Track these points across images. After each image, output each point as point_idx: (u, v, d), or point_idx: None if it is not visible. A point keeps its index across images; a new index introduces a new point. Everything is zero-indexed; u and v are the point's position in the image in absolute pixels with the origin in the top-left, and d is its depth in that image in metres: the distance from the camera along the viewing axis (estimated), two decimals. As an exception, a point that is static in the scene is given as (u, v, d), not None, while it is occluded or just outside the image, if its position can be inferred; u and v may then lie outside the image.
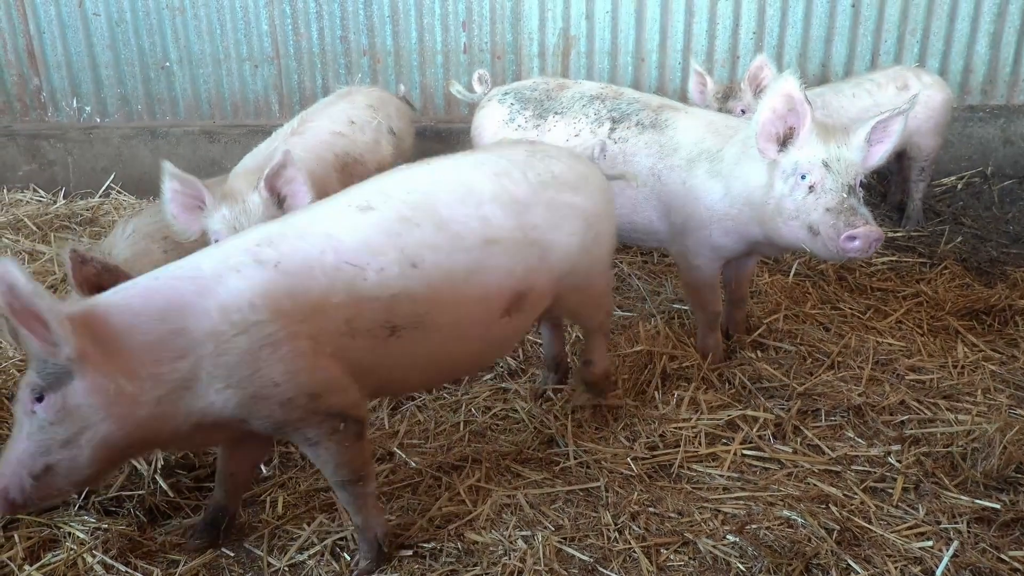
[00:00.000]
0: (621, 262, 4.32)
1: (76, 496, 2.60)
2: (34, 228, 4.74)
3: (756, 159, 2.91)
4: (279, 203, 2.88)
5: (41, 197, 5.31)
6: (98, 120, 5.51)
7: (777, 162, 2.84)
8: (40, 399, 1.86)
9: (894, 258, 4.33)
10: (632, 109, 3.40)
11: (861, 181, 2.81)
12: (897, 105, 3.08)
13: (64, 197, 5.32)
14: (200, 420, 2.00)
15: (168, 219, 2.89)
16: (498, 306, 2.34)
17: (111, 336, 1.88)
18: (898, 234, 4.64)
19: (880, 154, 2.86)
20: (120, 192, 5.33)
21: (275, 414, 2.06)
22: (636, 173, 3.03)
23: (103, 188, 5.35)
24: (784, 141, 2.82)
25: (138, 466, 2.70)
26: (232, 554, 2.44)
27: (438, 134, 5.23)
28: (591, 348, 2.94)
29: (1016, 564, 2.33)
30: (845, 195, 2.74)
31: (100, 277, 2.20)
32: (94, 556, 2.38)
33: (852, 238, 2.68)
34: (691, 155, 3.16)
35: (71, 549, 2.40)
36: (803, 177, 2.78)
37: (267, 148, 3.55)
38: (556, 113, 3.57)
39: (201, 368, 1.94)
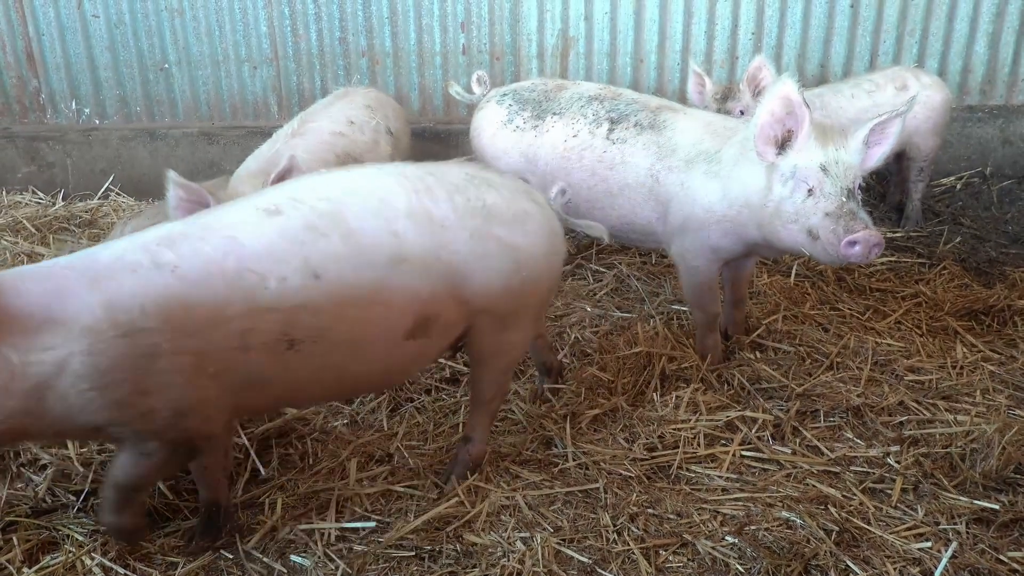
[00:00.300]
0: (620, 263, 4.32)
1: (75, 498, 2.60)
2: (33, 230, 4.74)
3: (754, 161, 2.91)
4: None
5: (40, 199, 5.31)
6: (97, 122, 5.51)
7: (775, 165, 2.84)
8: None
9: (893, 258, 4.33)
10: (631, 110, 3.40)
11: (860, 183, 2.80)
12: (895, 106, 3.09)
13: (63, 199, 5.32)
14: (61, 426, 1.94)
15: None
16: (402, 327, 2.23)
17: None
18: (897, 234, 4.64)
19: (878, 156, 2.86)
20: (119, 194, 5.33)
21: (134, 424, 2.00)
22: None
23: (102, 190, 5.35)
24: (783, 144, 2.82)
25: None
26: (231, 556, 2.43)
27: (437, 135, 5.24)
28: (474, 424, 2.70)
29: (1015, 565, 2.33)
30: (844, 199, 2.73)
31: None
32: (93, 559, 2.38)
33: (852, 243, 2.67)
34: (689, 156, 3.16)
35: (70, 551, 2.40)
36: (802, 181, 2.78)
37: (268, 150, 3.56)
38: (554, 114, 3.57)
39: (69, 365, 1.87)
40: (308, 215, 2.12)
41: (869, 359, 3.35)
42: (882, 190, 5.16)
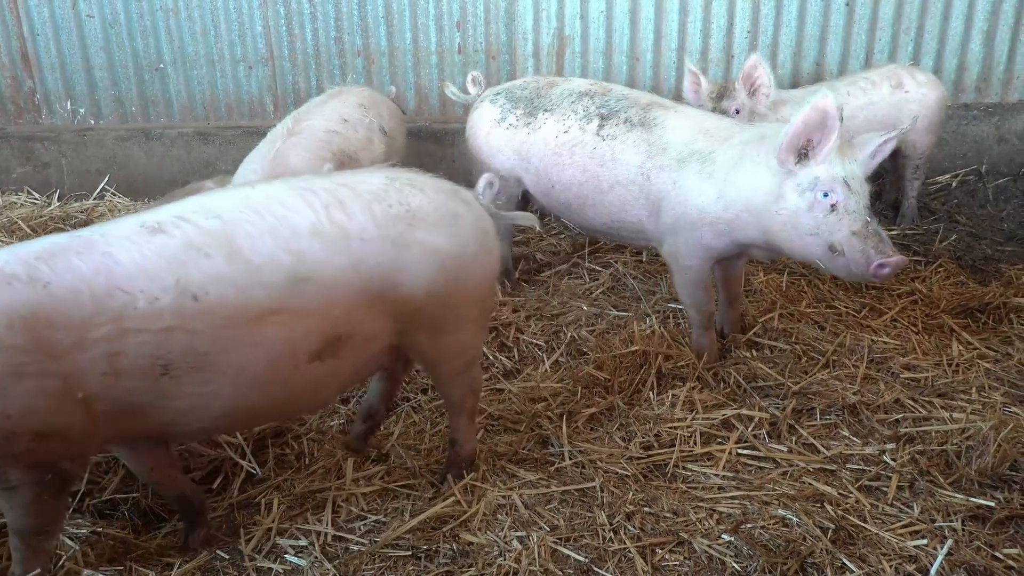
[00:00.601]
0: (616, 262, 4.32)
1: (70, 499, 2.59)
2: (28, 231, 4.73)
3: (759, 164, 2.90)
4: None
5: (35, 199, 5.29)
6: (92, 122, 5.50)
7: (793, 173, 2.81)
8: None
9: (889, 256, 4.34)
10: (621, 106, 3.40)
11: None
12: (892, 104, 3.12)
13: (58, 199, 5.31)
14: None
15: None
16: (305, 350, 2.14)
17: None
18: (893, 232, 4.64)
19: (872, 167, 2.90)
20: (115, 194, 5.32)
21: None
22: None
23: (97, 190, 5.34)
24: (801, 153, 2.80)
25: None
26: (227, 556, 2.43)
27: (433, 135, 5.23)
28: (455, 427, 2.70)
29: (1010, 562, 2.34)
30: (868, 219, 2.76)
31: None
32: (88, 561, 2.37)
33: (883, 266, 2.70)
34: (681, 155, 3.15)
35: (64, 553, 2.39)
36: (824, 195, 2.76)
37: (268, 150, 3.53)
38: (545, 110, 3.58)
39: None
40: (191, 234, 2.04)
41: (865, 357, 3.36)
42: (878, 188, 5.16)
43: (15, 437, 1.91)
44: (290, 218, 2.12)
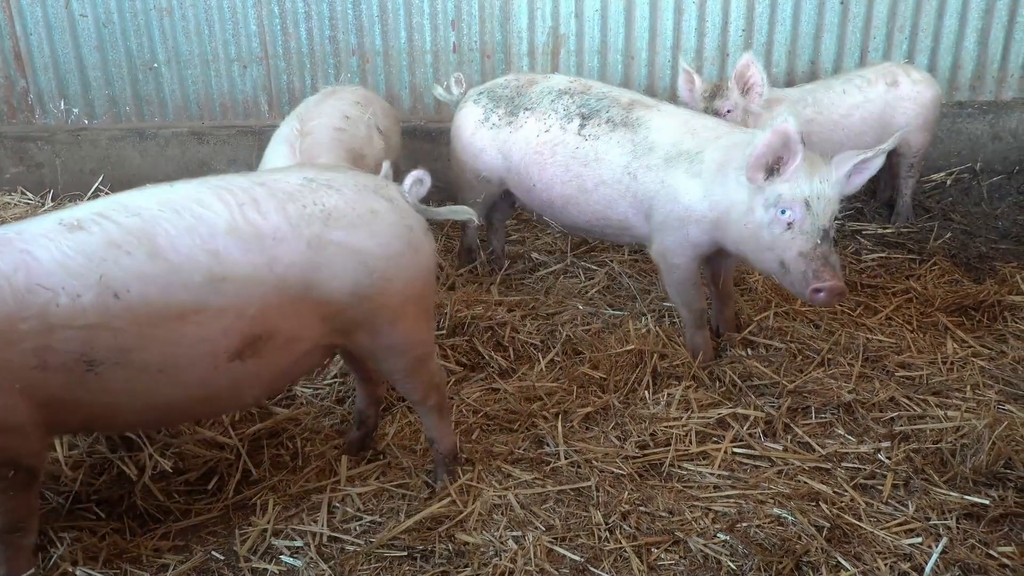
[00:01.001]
0: (611, 260, 4.32)
1: (64, 501, 2.59)
2: (22, 231, 4.71)
3: (741, 172, 2.93)
4: None
5: (29, 199, 5.28)
6: (86, 122, 5.48)
7: (762, 188, 2.88)
8: None
9: (883, 254, 4.35)
10: (602, 105, 3.43)
11: (835, 216, 2.88)
12: (887, 101, 3.10)
13: (52, 199, 5.29)
14: None
15: None
16: (224, 349, 2.14)
17: None
18: (887, 230, 4.65)
19: (856, 185, 2.94)
20: (108, 193, 5.26)
21: None
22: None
23: (91, 190, 5.32)
24: (772, 169, 2.87)
25: (127, 470, 2.68)
26: (222, 557, 2.43)
27: (428, 134, 5.22)
28: (427, 426, 2.71)
29: (1005, 560, 2.34)
30: (819, 240, 2.82)
31: None
32: (82, 562, 2.36)
33: (818, 291, 2.80)
34: (669, 155, 3.19)
35: (57, 553, 2.39)
36: (783, 212, 2.85)
37: (287, 152, 3.43)
38: (526, 109, 3.61)
39: None
40: (112, 231, 2.04)
41: (860, 355, 3.36)
42: (872, 187, 5.17)
43: None
44: (206, 217, 2.13)
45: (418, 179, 2.50)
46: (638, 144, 3.27)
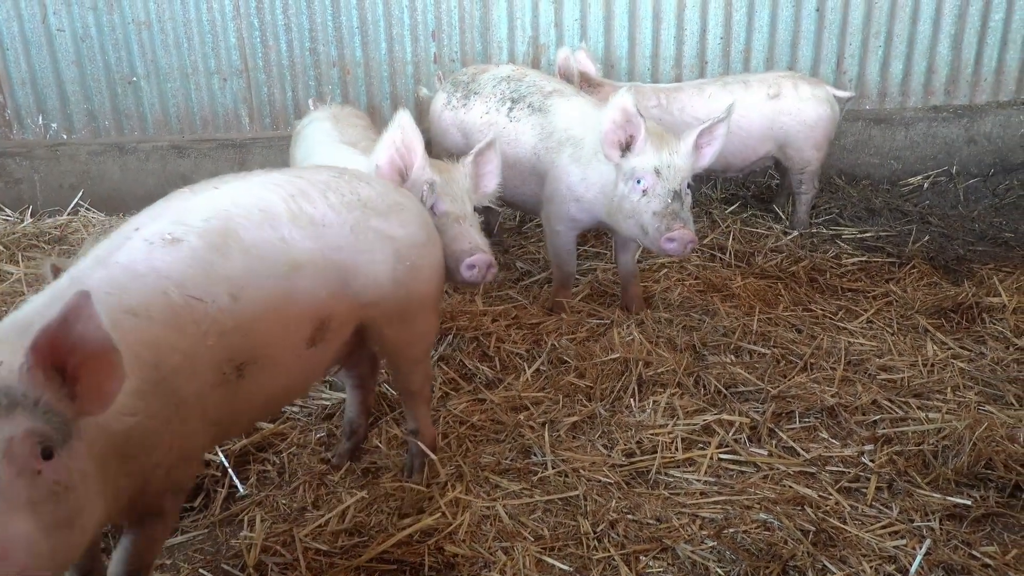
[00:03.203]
0: (595, 268, 4.34)
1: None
2: (1, 248, 4.67)
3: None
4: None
5: (8, 216, 5.23)
6: (65, 137, 5.44)
7: (620, 165, 3.28)
8: (49, 455, 1.43)
9: (863, 258, 4.40)
10: (528, 91, 3.84)
11: (688, 183, 3.27)
12: (764, 113, 4.22)
13: (31, 215, 5.24)
14: None
15: None
16: (305, 335, 2.18)
17: None
18: (867, 234, 4.70)
19: (710, 155, 3.32)
20: (89, 209, 5.27)
21: None
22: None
23: (71, 206, 5.28)
24: (627, 147, 3.25)
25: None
26: (210, 574, 2.42)
27: (410, 144, 5.22)
28: (415, 416, 2.77)
29: (987, 560, 2.37)
30: (670, 200, 3.20)
31: None
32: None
33: (670, 240, 3.17)
34: (560, 139, 3.63)
35: None
36: (638, 181, 3.24)
37: (320, 135, 3.66)
38: (475, 94, 4.03)
39: None
40: (205, 237, 2.01)
41: (842, 359, 3.40)
42: (766, 192, 5.22)
43: None
44: (270, 208, 2.15)
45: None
46: (544, 128, 3.70)
